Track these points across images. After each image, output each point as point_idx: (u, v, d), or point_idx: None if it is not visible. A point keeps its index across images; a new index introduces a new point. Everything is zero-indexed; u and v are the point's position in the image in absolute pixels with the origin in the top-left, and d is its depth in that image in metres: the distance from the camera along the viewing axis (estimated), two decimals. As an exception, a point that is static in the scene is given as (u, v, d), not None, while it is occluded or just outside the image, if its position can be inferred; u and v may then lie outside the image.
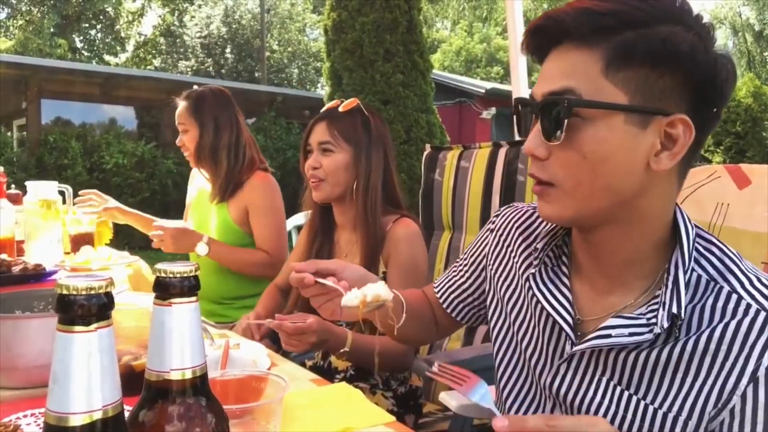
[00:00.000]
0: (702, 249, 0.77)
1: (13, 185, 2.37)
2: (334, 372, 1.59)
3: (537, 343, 0.87)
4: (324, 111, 1.61)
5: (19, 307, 1.07)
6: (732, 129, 14.24)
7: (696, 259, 0.76)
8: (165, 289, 0.51)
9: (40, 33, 18.09)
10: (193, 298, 0.52)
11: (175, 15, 22.31)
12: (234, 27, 21.65)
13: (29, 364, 0.92)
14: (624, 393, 0.76)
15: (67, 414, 0.42)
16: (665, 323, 0.71)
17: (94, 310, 0.43)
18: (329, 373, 1.57)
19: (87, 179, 9.16)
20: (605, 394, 0.78)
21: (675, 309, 0.71)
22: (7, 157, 8.66)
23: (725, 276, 0.74)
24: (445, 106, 11.86)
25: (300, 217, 2.64)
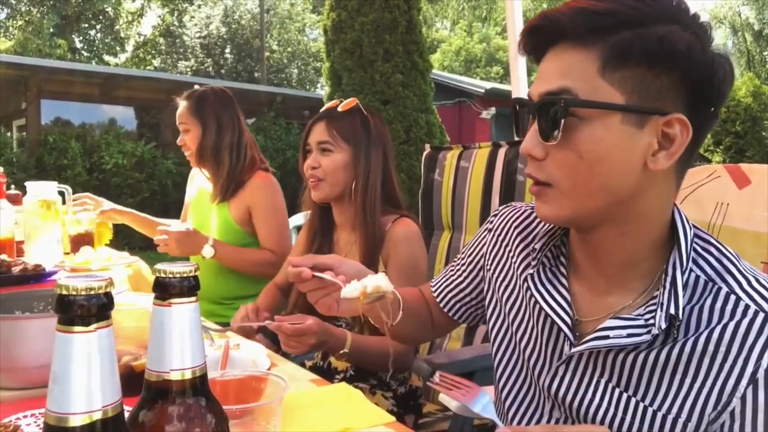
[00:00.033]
0: (700, 249, 0.77)
1: (13, 185, 2.38)
2: (333, 372, 1.59)
3: (536, 344, 0.87)
4: (323, 111, 1.61)
5: (19, 308, 1.07)
6: (732, 128, 14.24)
7: (694, 260, 0.76)
8: (165, 290, 0.51)
9: (39, 33, 18.09)
10: (193, 298, 0.52)
11: (175, 15, 22.30)
12: (233, 27, 21.64)
13: (29, 364, 0.92)
14: (623, 395, 0.76)
15: (67, 414, 0.42)
16: (663, 324, 0.71)
17: (93, 310, 0.43)
18: (329, 374, 1.57)
19: (87, 179, 9.16)
20: (604, 396, 0.77)
21: (672, 310, 0.71)
22: (7, 158, 8.66)
23: (723, 276, 0.74)
24: (445, 106, 11.86)
25: (299, 218, 2.64)
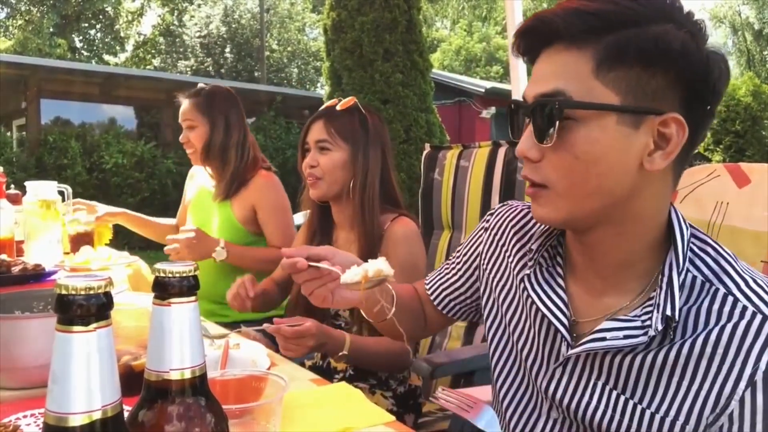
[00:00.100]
0: (697, 249, 0.76)
1: (13, 185, 2.37)
2: (333, 372, 1.59)
3: (533, 344, 0.87)
4: (322, 110, 1.61)
5: (19, 308, 1.06)
6: (731, 128, 14.24)
7: (691, 260, 0.75)
8: (164, 289, 0.51)
9: (39, 33, 18.08)
10: (192, 297, 0.52)
11: (175, 15, 22.30)
12: (233, 26, 21.63)
13: (29, 364, 0.92)
14: (620, 397, 0.76)
15: (67, 414, 0.42)
16: (659, 325, 0.71)
17: (93, 310, 0.43)
18: (328, 373, 1.57)
19: (86, 179, 9.16)
20: (601, 398, 0.77)
21: (669, 311, 0.71)
22: (7, 157, 8.65)
23: (720, 277, 0.73)
24: (445, 105, 11.86)
25: (299, 217, 2.63)
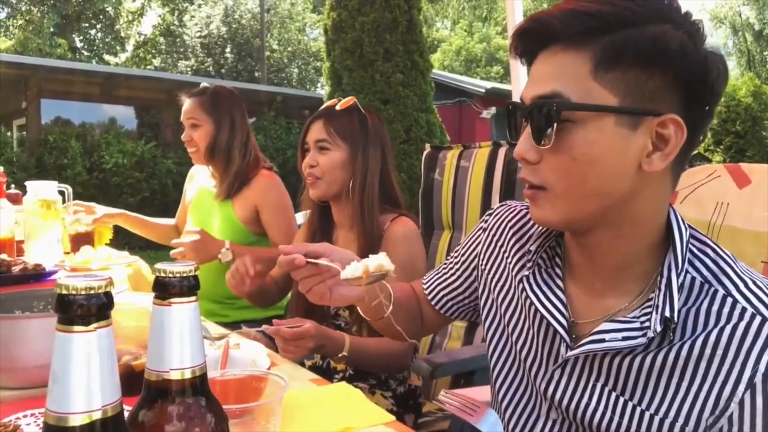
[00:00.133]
0: (696, 250, 0.76)
1: (13, 185, 2.37)
2: (333, 372, 1.59)
3: (532, 345, 0.87)
4: (321, 109, 1.61)
5: (19, 307, 1.06)
6: (732, 128, 14.25)
7: (690, 261, 0.75)
8: (164, 289, 0.51)
9: (39, 33, 18.09)
10: (193, 297, 0.52)
11: (175, 15, 22.31)
12: (234, 27, 21.64)
13: (29, 364, 0.92)
14: (619, 399, 0.75)
15: (67, 414, 0.42)
16: (658, 327, 0.70)
17: (93, 310, 0.43)
18: (328, 374, 1.57)
19: (87, 179, 9.16)
20: (600, 399, 0.77)
21: (668, 312, 0.70)
22: (7, 157, 8.66)
23: (720, 278, 0.73)
24: (445, 105, 11.86)
25: (299, 217, 2.64)
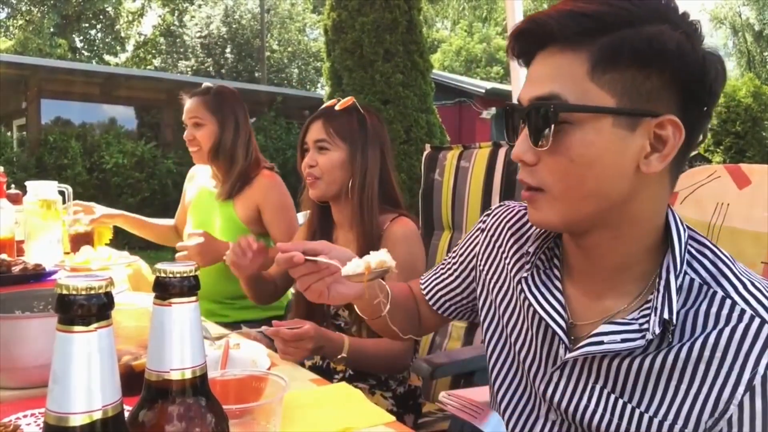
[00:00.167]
0: (695, 251, 0.76)
1: (13, 185, 2.37)
2: (333, 372, 1.59)
3: (530, 347, 0.86)
4: (320, 110, 1.62)
5: (19, 307, 1.06)
6: (732, 129, 14.26)
7: (689, 262, 0.75)
8: (165, 289, 0.51)
9: (40, 33, 18.09)
10: (193, 297, 0.52)
11: (175, 15, 22.31)
12: (234, 27, 21.65)
13: (29, 364, 0.92)
14: (618, 401, 0.75)
15: (67, 414, 0.42)
16: (657, 329, 0.70)
17: (93, 310, 0.43)
18: (328, 374, 1.57)
19: (87, 179, 9.16)
20: (599, 402, 0.77)
21: (666, 315, 0.70)
22: (7, 157, 8.66)
23: (718, 280, 0.73)
24: (445, 105, 11.86)
25: (300, 217, 2.64)
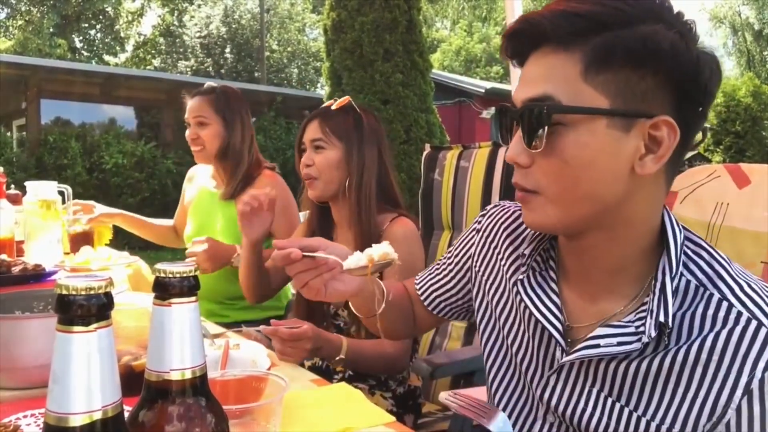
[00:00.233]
0: (691, 253, 0.75)
1: (13, 185, 2.38)
2: (332, 372, 1.59)
3: (527, 349, 0.86)
4: (317, 110, 1.62)
5: (19, 308, 1.07)
6: (732, 128, 14.27)
7: (685, 264, 0.74)
8: (164, 289, 0.51)
9: (39, 33, 18.10)
10: (193, 298, 0.52)
11: (175, 15, 22.32)
12: (233, 27, 21.65)
13: (29, 364, 0.92)
14: (615, 404, 0.75)
15: (67, 414, 0.42)
16: (653, 332, 0.70)
17: (93, 310, 0.43)
18: (328, 374, 1.57)
19: (87, 179, 9.16)
20: (596, 405, 0.76)
21: (662, 317, 0.69)
22: (7, 157, 8.66)
23: (715, 282, 0.72)
24: (445, 105, 11.87)
25: (300, 218, 2.64)
